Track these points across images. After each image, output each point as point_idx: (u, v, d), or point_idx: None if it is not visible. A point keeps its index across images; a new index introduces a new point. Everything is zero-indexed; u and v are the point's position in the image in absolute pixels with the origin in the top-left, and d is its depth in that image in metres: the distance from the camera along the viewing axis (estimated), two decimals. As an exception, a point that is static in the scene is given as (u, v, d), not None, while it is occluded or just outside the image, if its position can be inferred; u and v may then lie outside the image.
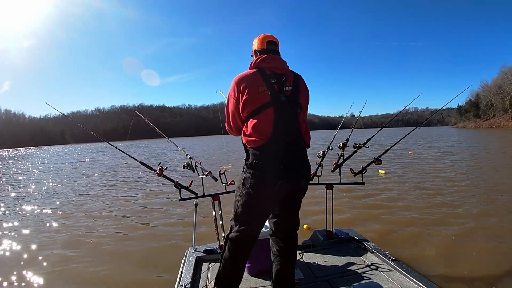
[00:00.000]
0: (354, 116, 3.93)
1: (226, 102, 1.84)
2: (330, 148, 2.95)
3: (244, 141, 1.73)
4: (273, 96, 1.68)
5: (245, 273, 2.31)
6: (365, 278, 2.20)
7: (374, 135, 2.97)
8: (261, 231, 2.18)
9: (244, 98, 1.68)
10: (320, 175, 2.76)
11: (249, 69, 1.80)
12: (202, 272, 2.40)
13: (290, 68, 1.85)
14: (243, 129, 1.75)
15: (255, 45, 1.88)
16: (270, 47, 1.85)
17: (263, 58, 1.77)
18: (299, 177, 1.71)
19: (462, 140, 25.06)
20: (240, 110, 1.73)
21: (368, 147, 2.78)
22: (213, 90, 2.82)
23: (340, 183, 2.80)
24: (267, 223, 2.00)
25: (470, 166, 9.96)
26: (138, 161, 2.58)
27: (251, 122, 1.69)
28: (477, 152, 14.37)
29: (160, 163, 2.46)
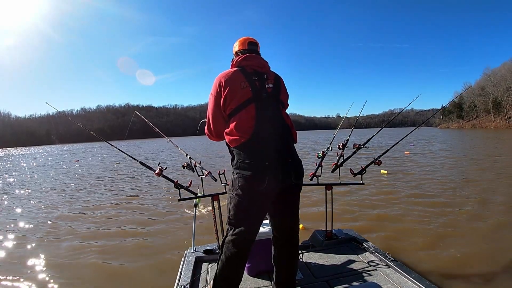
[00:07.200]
0: (340, 116, 3.97)
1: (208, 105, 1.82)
2: (330, 148, 2.95)
3: (227, 141, 1.71)
4: (255, 92, 1.68)
5: (245, 273, 2.29)
6: (364, 278, 2.21)
7: (374, 136, 2.99)
8: (262, 231, 2.19)
9: (225, 94, 1.67)
10: (320, 176, 2.76)
11: (231, 68, 1.80)
12: (201, 272, 2.39)
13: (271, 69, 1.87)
14: (225, 129, 1.72)
15: (236, 47, 1.88)
16: (251, 47, 1.86)
17: (245, 56, 1.78)
18: (288, 173, 1.66)
19: (449, 141, 25.61)
20: (221, 108, 1.71)
21: (367, 147, 2.79)
22: (200, 90, 2.80)
23: (340, 184, 2.81)
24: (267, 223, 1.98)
25: (466, 166, 10.04)
26: (138, 161, 2.54)
27: (233, 120, 1.67)
28: (469, 154, 14.55)
29: (159, 163, 2.42)
